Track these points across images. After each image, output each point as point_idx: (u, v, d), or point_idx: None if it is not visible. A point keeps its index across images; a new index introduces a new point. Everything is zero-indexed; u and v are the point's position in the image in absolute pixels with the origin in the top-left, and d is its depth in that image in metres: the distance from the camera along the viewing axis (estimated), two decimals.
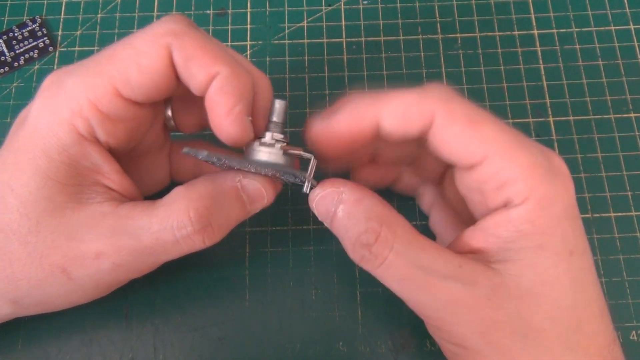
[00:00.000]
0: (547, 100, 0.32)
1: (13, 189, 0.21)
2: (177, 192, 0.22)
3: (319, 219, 0.22)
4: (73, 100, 0.21)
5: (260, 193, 0.23)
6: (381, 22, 0.34)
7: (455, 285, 0.20)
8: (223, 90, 0.21)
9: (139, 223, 0.21)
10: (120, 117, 0.22)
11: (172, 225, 0.21)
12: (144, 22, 0.34)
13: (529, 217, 0.20)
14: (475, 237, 0.21)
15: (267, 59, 0.33)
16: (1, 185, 0.21)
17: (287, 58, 0.33)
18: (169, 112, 0.26)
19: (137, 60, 0.21)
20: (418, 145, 0.25)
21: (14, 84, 0.33)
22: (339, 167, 0.27)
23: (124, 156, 0.24)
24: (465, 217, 0.25)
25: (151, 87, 0.21)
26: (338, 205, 0.21)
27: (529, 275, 0.20)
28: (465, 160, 0.21)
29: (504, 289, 0.20)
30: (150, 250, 0.21)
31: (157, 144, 0.26)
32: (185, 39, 0.21)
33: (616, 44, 0.34)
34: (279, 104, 0.23)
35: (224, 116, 0.21)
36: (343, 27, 0.34)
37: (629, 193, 0.30)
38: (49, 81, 0.22)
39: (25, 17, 0.34)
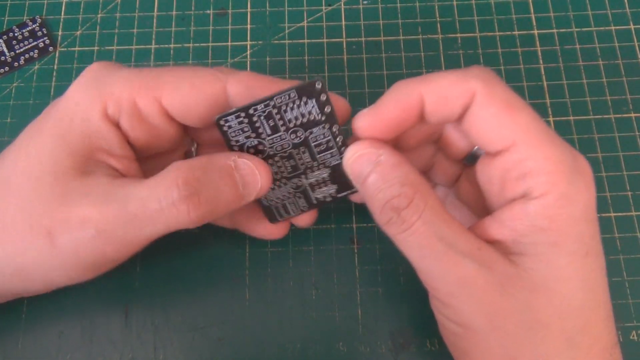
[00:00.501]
0: (547, 100, 0.32)
1: (28, 150, 0.22)
2: (171, 165, 0.22)
3: (351, 177, 0.23)
4: (117, 86, 0.22)
5: (253, 175, 0.22)
6: (381, 22, 0.34)
7: (472, 264, 0.20)
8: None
9: (129, 190, 0.21)
10: (149, 121, 0.23)
11: (158, 193, 0.20)
12: (144, 22, 0.34)
13: (546, 212, 0.20)
14: (491, 227, 0.22)
15: (267, 59, 0.33)
16: (18, 148, 0.22)
17: (287, 58, 0.33)
18: (194, 149, 0.26)
19: (192, 80, 0.22)
20: (436, 149, 0.26)
21: (14, 84, 0.33)
22: None
23: (142, 158, 0.24)
24: (479, 216, 0.25)
25: (193, 108, 0.22)
26: (375, 167, 0.21)
27: (542, 270, 0.20)
28: (495, 143, 0.21)
29: (518, 279, 0.20)
30: (134, 217, 0.21)
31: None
32: (241, 73, 0.22)
33: (616, 44, 0.34)
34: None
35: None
36: (343, 27, 0.34)
37: (629, 193, 0.30)
38: (97, 65, 0.23)
39: (25, 17, 0.34)
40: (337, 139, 0.23)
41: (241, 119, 0.22)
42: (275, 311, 0.28)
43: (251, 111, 0.22)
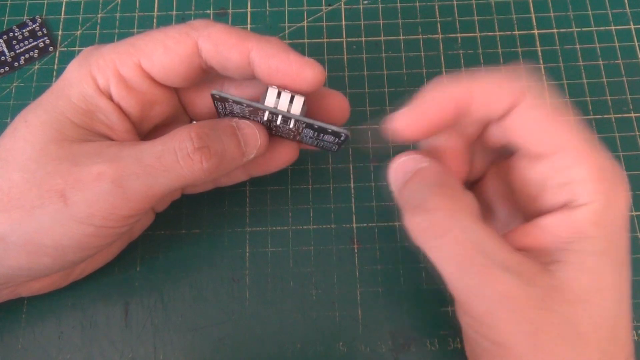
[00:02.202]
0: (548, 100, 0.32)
1: (27, 120, 0.22)
2: (180, 127, 0.23)
3: (391, 182, 0.23)
4: (101, 59, 0.23)
5: (254, 134, 0.23)
6: (381, 22, 0.34)
7: (513, 280, 0.19)
8: (276, 48, 0.22)
9: (142, 147, 0.22)
10: (136, 87, 0.23)
11: (173, 145, 0.22)
12: (144, 22, 0.34)
13: (595, 219, 0.19)
14: (531, 234, 0.21)
15: None
16: (17, 121, 0.23)
17: None
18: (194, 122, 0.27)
19: (164, 42, 0.23)
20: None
21: (14, 84, 0.33)
22: None
23: (141, 133, 0.25)
24: (503, 217, 0.24)
25: (170, 69, 0.23)
26: (416, 173, 0.21)
27: (584, 280, 0.19)
28: (540, 147, 0.21)
29: (559, 292, 0.19)
30: (150, 169, 0.21)
31: None
32: (210, 29, 0.22)
33: (616, 44, 0.34)
34: None
35: (299, 62, 0.22)
36: (343, 27, 0.34)
37: (629, 193, 0.30)
38: (90, 48, 0.24)
39: (25, 17, 0.34)
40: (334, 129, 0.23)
41: (243, 106, 0.23)
42: (275, 311, 0.28)
43: (244, 103, 0.22)
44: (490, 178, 0.25)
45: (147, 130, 0.25)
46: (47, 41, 0.34)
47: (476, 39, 0.34)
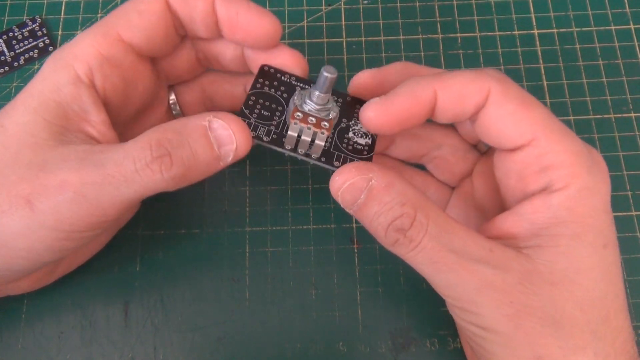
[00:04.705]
0: (548, 100, 0.32)
1: (3, 125, 0.22)
2: (149, 130, 0.22)
3: (343, 206, 0.22)
4: (77, 47, 0.23)
5: (228, 136, 0.22)
6: (381, 21, 0.34)
7: (486, 269, 0.20)
8: None
9: (106, 155, 0.21)
10: (119, 62, 0.23)
11: (133, 154, 0.21)
12: None
13: (568, 204, 0.20)
14: (508, 221, 0.22)
15: None
16: None
17: None
18: (173, 97, 0.27)
19: (136, 7, 0.23)
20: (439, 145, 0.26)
21: (14, 84, 0.33)
22: None
23: (123, 121, 0.25)
24: (488, 212, 0.25)
25: (148, 31, 0.23)
26: (368, 193, 0.21)
27: (562, 262, 0.20)
28: (514, 140, 0.21)
29: (537, 274, 0.20)
30: (111, 179, 0.21)
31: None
32: None
33: (616, 44, 0.34)
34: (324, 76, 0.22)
35: (259, 10, 0.23)
36: (343, 27, 0.34)
37: (629, 193, 0.30)
38: (64, 44, 0.24)
39: (25, 17, 0.34)
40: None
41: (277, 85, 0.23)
42: (275, 311, 0.28)
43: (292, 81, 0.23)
44: (477, 175, 0.26)
45: (128, 118, 0.25)
46: (47, 41, 0.34)
47: (476, 39, 0.34)
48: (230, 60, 0.26)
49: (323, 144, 0.23)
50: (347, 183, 0.21)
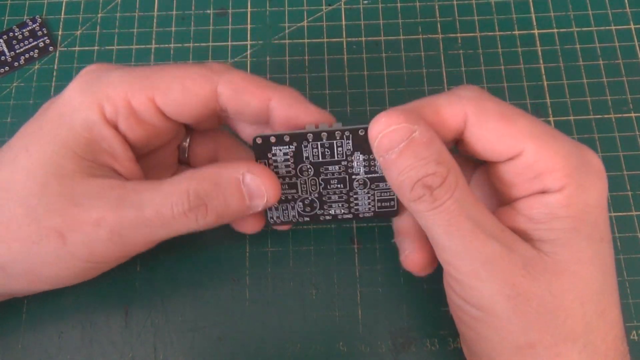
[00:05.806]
0: (548, 100, 0.32)
1: (28, 150, 0.22)
2: (185, 173, 0.23)
3: (375, 150, 0.21)
4: (111, 87, 0.22)
5: (259, 190, 0.23)
6: (381, 21, 0.34)
7: (497, 245, 0.20)
8: (295, 98, 0.23)
9: (144, 196, 0.22)
10: (146, 121, 0.23)
11: (171, 201, 0.21)
12: (144, 22, 0.34)
13: (565, 202, 0.20)
14: (507, 215, 0.22)
15: (267, 58, 0.33)
16: (18, 148, 0.22)
17: (287, 58, 0.33)
18: (186, 143, 0.27)
19: (182, 81, 0.23)
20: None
21: (14, 84, 0.33)
22: None
23: (138, 154, 0.25)
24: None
25: (185, 108, 0.23)
26: (409, 143, 0.20)
27: (563, 253, 0.20)
28: (502, 155, 0.21)
29: (540, 262, 0.20)
30: (149, 222, 0.21)
31: (165, 163, 0.27)
32: (231, 75, 0.23)
33: (617, 44, 0.34)
34: None
35: (317, 113, 0.23)
36: (343, 27, 0.34)
37: (629, 193, 0.30)
38: (94, 67, 0.24)
39: (25, 17, 0.34)
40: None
41: (285, 147, 0.23)
42: (275, 311, 0.28)
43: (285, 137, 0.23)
44: (475, 184, 0.26)
45: (146, 152, 0.25)
46: (47, 41, 0.34)
47: (476, 38, 0.34)
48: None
49: (341, 124, 0.23)
50: (390, 127, 0.20)
